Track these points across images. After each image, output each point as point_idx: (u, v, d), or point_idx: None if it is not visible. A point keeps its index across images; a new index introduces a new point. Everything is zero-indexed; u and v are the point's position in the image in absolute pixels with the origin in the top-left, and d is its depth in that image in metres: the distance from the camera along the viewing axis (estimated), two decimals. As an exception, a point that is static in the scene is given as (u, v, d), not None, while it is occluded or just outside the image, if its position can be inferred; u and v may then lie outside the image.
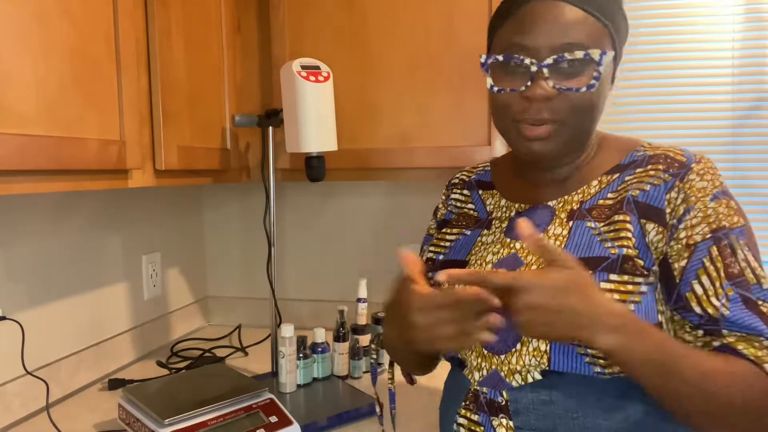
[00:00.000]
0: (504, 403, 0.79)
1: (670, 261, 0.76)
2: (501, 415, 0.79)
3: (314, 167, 1.27)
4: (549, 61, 0.76)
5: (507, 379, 0.80)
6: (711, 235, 0.75)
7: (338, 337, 1.44)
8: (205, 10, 1.35)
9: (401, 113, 1.44)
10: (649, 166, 0.81)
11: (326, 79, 1.24)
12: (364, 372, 1.48)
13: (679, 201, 0.77)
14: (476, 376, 0.83)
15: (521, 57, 0.77)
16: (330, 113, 1.25)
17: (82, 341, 1.43)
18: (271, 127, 1.36)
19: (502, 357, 0.80)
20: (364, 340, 1.49)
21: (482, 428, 0.81)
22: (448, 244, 0.94)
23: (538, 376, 0.78)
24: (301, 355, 1.36)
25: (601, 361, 0.74)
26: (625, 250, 0.76)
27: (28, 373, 1.19)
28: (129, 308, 1.60)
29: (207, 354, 1.61)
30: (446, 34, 1.40)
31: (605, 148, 0.87)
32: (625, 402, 0.75)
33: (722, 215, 0.76)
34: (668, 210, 0.77)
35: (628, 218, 0.78)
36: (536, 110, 0.78)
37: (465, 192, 0.99)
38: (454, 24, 1.39)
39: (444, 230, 0.97)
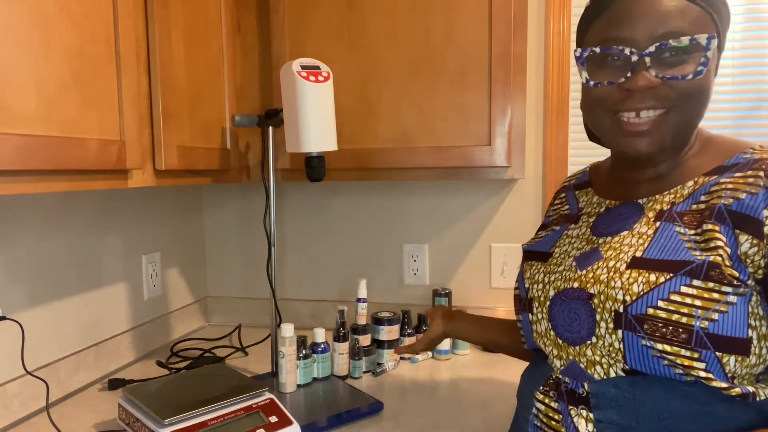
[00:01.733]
0: (585, 394, 0.79)
1: None
2: (581, 406, 0.79)
3: (314, 167, 1.27)
4: (651, 49, 0.73)
5: (588, 370, 0.79)
6: None
7: (338, 337, 1.44)
8: (205, 10, 1.35)
9: (401, 113, 1.44)
10: (750, 172, 0.74)
11: (326, 79, 1.24)
12: (364, 372, 1.48)
13: None
14: (557, 364, 0.84)
15: (620, 47, 0.75)
16: (330, 113, 1.25)
17: (82, 341, 1.43)
18: (271, 127, 1.36)
19: (577, 348, 0.80)
20: (364, 340, 1.49)
21: (560, 416, 0.81)
22: (537, 239, 0.95)
23: (621, 373, 0.76)
24: (301, 355, 1.36)
25: (680, 368, 0.72)
26: (713, 258, 0.71)
27: (28, 373, 1.19)
28: (129, 308, 1.60)
29: (207, 354, 1.61)
30: (446, 34, 1.40)
31: (709, 148, 0.82)
32: (712, 409, 0.73)
33: None
34: None
35: (718, 228, 0.72)
36: (638, 99, 0.75)
37: (562, 195, 1.01)
38: (454, 24, 1.39)
39: (539, 231, 0.99)
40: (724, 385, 0.71)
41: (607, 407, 0.76)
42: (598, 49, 0.77)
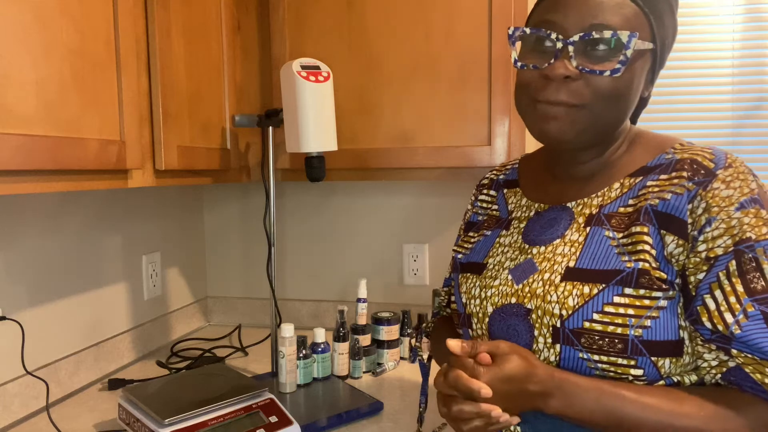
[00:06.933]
0: None
1: (687, 274, 0.72)
2: None
3: (314, 167, 1.27)
4: (575, 38, 0.72)
5: None
6: (733, 249, 0.70)
7: (338, 337, 1.44)
8: (205, 10, 1.35)
9: (401, 113, 1.44)
10: (674, 173, 0.76)
11: (326, 79, 1.24)
12: (364, 372, 1.48)
13: (700, 211, 0.72)
14: None
15: (548, 31, 0.74)
16: (330, 113, 1.25)
17: (82, 341, 1.43)
18: (271, 127, 1.36)
19: None
20: (364, 340, 1.49)
21: None
22: (470, 245, 0.93)
23: None
24: (301, 355, 1.36)
25: (612, 374, 0.74)
26: (641, 264, 0.72)
27: (28, 373, 1.19)
28: (129, 308, 1.60)
29: (207, 354, 1.61)
30: (446, 34, 1.40)
31: (636, 146, 0.82)
32: None
33: (748, 226, 0.70)
34: (690, 221, 0.72)
35: (646, 230, 0.73)
36: (554, 90, 0.74)
37: (491, 192, 0.98)
38: (454, 24, 1.39)
39: (470, 233, 0.96)
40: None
41: (531, 416, 0.78)
42: (528, 30, 0.76)
